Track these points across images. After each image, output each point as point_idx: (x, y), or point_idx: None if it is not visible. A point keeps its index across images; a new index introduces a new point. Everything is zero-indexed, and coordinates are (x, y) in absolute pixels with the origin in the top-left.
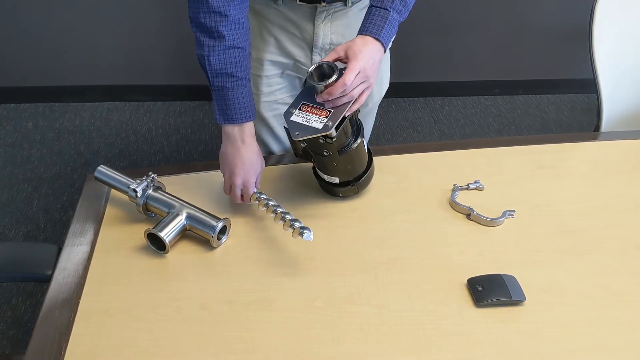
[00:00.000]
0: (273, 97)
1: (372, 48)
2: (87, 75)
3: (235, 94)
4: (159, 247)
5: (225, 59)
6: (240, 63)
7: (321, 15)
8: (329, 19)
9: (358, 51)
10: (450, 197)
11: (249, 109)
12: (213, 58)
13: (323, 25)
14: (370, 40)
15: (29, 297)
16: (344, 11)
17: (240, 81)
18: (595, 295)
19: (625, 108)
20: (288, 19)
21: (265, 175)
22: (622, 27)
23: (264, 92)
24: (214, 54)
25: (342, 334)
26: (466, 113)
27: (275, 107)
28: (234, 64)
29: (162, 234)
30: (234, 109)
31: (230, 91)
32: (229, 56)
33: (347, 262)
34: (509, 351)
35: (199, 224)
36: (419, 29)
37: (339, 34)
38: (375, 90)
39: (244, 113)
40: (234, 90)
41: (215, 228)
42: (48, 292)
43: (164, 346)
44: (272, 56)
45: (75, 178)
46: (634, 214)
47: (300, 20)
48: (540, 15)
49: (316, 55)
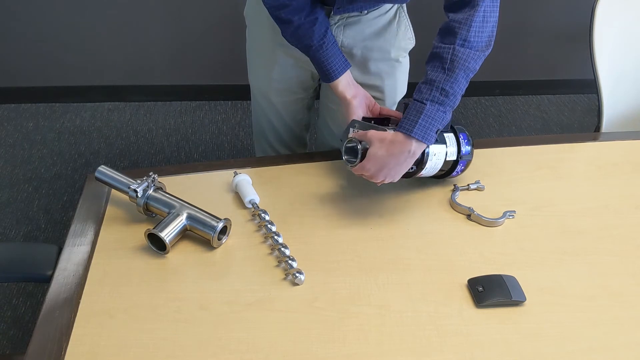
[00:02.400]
0: (285, 85)
1: (398, 147)
2: (88, 76)
3: (320, 58)
4: (159, 247)
5: (297, 36)
6: (313, 33)
7: (335, 18)
8: (342, 22)
9: (372, 155)
10: (450, 197)
11: (337, 64)
12: (289, 37)
13: (336, 27)
14: (401, 138)
15: (29, 298)
16: (358, 18)
17: (318, 47)
18: (595, 296)
19: (625, 108)
20: None
21: (265, 175)
22: (622, 27)
23: (276, 79)
24: (287, 34)
25: (343, 335)
26: (467, 113)
27: (286, 94)
28: (306, 36)
29: (163, 234)
30: (327, 70)
31: (314, 59)
32: (299, 33)
33: (347, 262)
34: (510, 351)
35: (200, 224)
36: (419, 29)
37: (350, 37)
38: (389, 97)
39: (335, 70)
40: (316, 57)
41: (215, 228)
42: (48, 293)
43: (164, 346)
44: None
45: (75, 178)
46: (634, 214)
47: None
48: (541, 15)
49: None
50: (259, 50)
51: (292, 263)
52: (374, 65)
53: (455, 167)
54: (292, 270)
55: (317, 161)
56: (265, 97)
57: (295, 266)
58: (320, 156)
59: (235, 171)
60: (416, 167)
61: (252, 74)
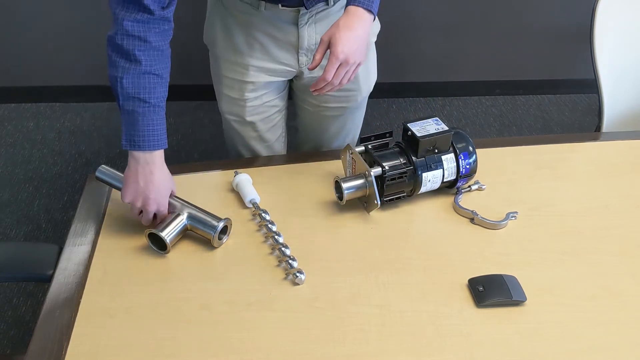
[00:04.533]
0: (259, 102)
1: (358, 21)
2: (88, 75)
3: (146, 120)
4: (160, 247)
5: (139, 84)
6: (155, 90)
7: (304, 18)
8: (312, 20)
9: (339, 39)
10: (453, 201)
11: (160, 137)
12: (126, 81)
13: (307, 27)
14: (360, 13)
15: (29, 297)
16: (326, 11)
17: (152, 108)
18: (595, 296)
19: (626, 108)
20: (272, 23)
21: (266, 175)
22: (623, 27)
23: (250, 98)
24: (128, 76)
25: (343, 335)
26: (467, 113)
27: (262, 110)
28: (148, 89)
29: (163, 234)
30: (142, 136)
31: (141, 117)
32: (143, 81)
33: (347, 262)
34: (510, 351)
35: (200, 224)
36: (420, 29)
37: (322, 32)
38: (363, 84)
39: (153, 141)
40: (144, 116)
41: (216, 228)
42: (49, 292)
43: (164, 346)
44: (257, 62)
45: (76, 178)
46: (634, 214)
47: (284, 24)
48: (541, 15)
49: (302, 56)
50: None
51: (292, 263)
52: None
53: (456, 183)
54: (293, 270)
55: (317, 161)
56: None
57: (295, 266)
58: (320, 156)
59: (236, 171)
60: (412, 191)
61: (223, 101)
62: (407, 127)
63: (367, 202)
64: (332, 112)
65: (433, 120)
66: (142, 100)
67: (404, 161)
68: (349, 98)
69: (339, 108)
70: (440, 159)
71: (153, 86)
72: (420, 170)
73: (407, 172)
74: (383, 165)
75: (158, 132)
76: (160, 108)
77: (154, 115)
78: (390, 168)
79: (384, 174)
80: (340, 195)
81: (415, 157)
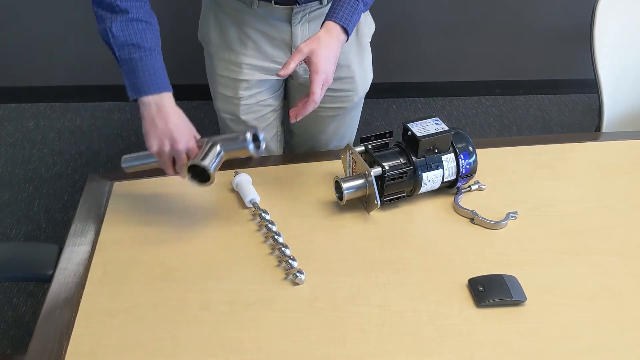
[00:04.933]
0: (253, 100)
1: (336, 43)
2: (88, 75)
3: (145, 65)
4: (201, 179)
5: (128, 30)
6: (146, 34)
7: (297, 16)
8: (305, 18)
9: (322, 58)
10: (453, 201)
11: (163, 80)
12: (115, 28)
13: (300, 25)
14: (337, 32)
15: (29, 297)
16: (319, 10)
17: (148, 52)
18: (595, 296)
19: (626, 108)
20: (265, 21)
21: (266, 175)
22: (623, 27)
23: (244, 96)
24: (116, 24)
25: (343, 335)
26: (467, 113)
27: (256, 109)
28: (138, 35)
29: (205, 162)
30: (145, 81)
31: (139, 62)
32: (132, 27)
33: (347, 262)
34: (510, 351)
35: (233, 142)
36: (420, 29)
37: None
38: (360, 84)
39: (157, 84)
40: (142, 61)
41: (247, 140)
42: (49, 292)
43: (164, 346)
44: (251, 60)
45: (76, 178)
46: (635, 214)
47: (277, 22)
48: (541, 15)
49: None
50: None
51: (292, 263)
52: (342, 57)
53: (456, 183)
54: (293, 270)
55: (317, 161)
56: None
57: (295, 266)
58: (321, 156)
59: (236, 171)
60: (412, 191)
61: (218, 99)
62: (407, 127)
63: (367, 202)
64: (329, 112)
65: (433, 120)
66: (135, 45)
67: (404, 161)
68: (346, 98)
69: (335, 108)
70: (440, 159)
71: (143, 31)
72: (420, 170)
73: (407, 172)
74: (383, 165)
75: (160, 75)
76: (157, 52)
77: (152, 60)
78: (390, 168)
79: (384, 174)
80: (340, 195)
81: (415, 157)
